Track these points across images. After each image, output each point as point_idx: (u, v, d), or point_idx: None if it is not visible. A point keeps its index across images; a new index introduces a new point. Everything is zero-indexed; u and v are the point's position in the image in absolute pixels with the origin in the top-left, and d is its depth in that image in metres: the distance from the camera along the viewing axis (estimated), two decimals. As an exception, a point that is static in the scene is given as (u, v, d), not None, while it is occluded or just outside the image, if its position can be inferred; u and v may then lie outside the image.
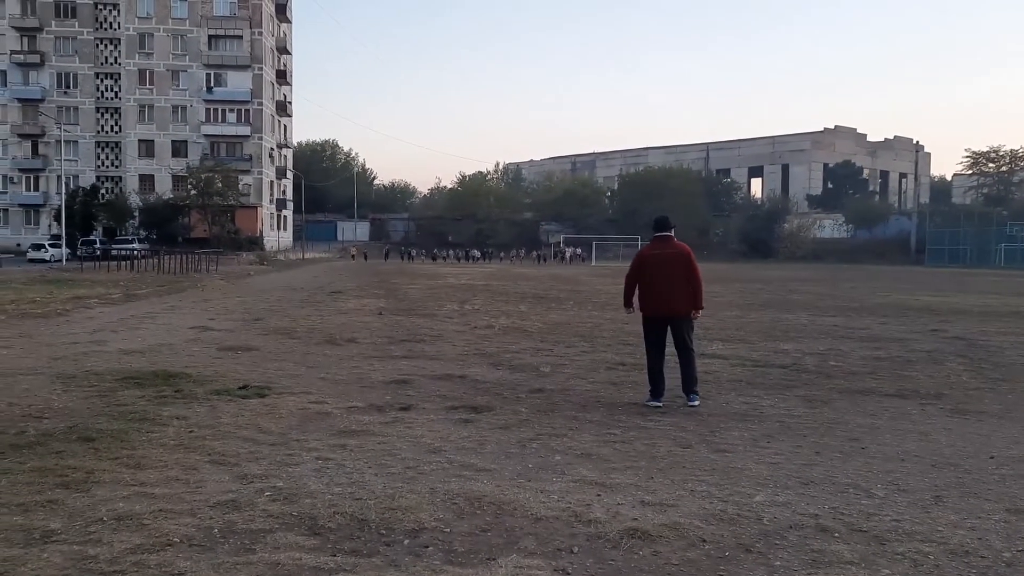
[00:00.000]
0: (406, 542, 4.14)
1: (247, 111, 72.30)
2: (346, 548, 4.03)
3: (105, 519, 4.32)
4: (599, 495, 4.92)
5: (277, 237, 78.56)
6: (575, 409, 7.71)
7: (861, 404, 8.17)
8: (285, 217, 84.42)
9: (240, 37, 71.82)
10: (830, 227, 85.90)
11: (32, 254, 52.01)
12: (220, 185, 64.24)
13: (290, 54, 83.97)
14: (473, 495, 4.85)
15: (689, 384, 7.98)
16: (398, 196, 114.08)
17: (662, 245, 8.25)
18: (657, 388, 8.03)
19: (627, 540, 4.17)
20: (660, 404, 7.87)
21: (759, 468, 5.62)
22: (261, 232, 71.59)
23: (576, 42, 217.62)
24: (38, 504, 4.53)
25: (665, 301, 8.08)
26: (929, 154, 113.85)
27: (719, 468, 5.62)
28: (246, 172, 70.41)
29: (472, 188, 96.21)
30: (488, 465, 5.60)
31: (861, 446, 6.36)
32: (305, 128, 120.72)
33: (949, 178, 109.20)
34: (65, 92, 72.61)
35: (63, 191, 55.11)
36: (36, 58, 71.54)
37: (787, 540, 4.21)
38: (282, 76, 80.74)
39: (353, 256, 76.99)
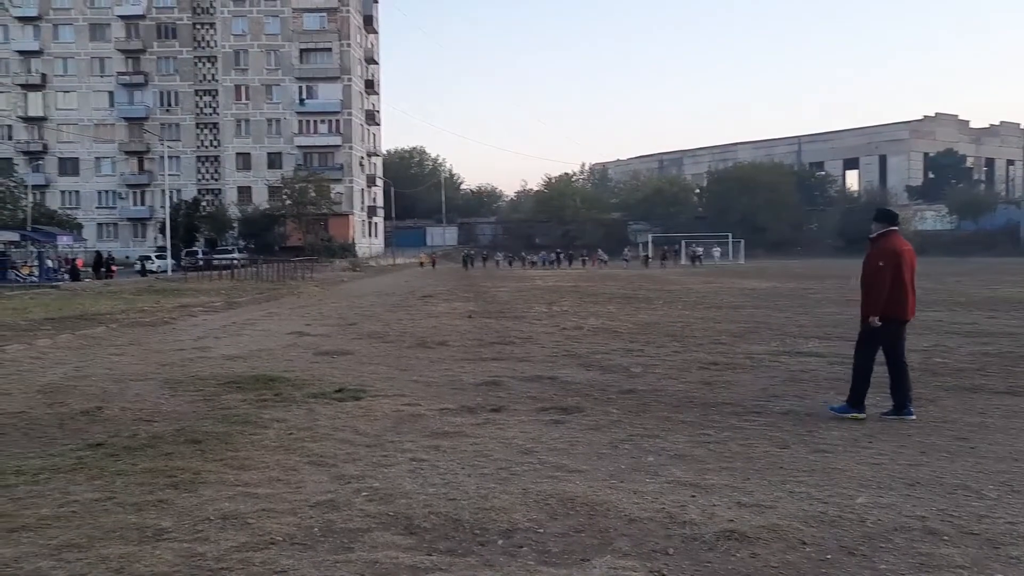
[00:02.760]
0: (500, 542, 4.17)
1: (337, 121, 74.22)
2: (441, 548, 4.09)
3: (212, 518, 4.50)
4: (694, 496, 4.85)
5: (369, 244, 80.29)
6: (667, 410, 7.61)
7: (969, 402, 7.81)
8: (376, 224, 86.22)
9: (329, 50, 73.83)
10: (932, 219, 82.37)
11: (142, 265, 54.54)
12: (313, 194, 66.03)
13: (377, 64, 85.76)
14: (566, 496, 4.84)
15: (910, 395, 7.26)
16: (485, 200, 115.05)
17: (902, 241, 7.40)
18: (864, 397, 7.28)
19: (724, 542, 4.10)
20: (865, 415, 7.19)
21: (861, 469, 5.43)
22: (353, 239, 73.29)
23: (661, 39, 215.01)
24: (150, 503, 4.75)
25: (912, 305, 7.37)
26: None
27: (818, 469, 5.46)
28: (338, 181, 72.19)
29: (558, 190, 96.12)
30: (580, 466, 5.58)
31: (970, 445, 6.07)
32: (393, 136, 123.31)
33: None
34: (167, 110, 76.01)
35: (167, 204, 57.63)
36: (140, 78, 75.12)
37: (892, 543, 4.06)
38: (370, 86, 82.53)
39: (422, 264, 67.03)
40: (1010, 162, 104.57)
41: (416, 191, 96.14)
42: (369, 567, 3.81)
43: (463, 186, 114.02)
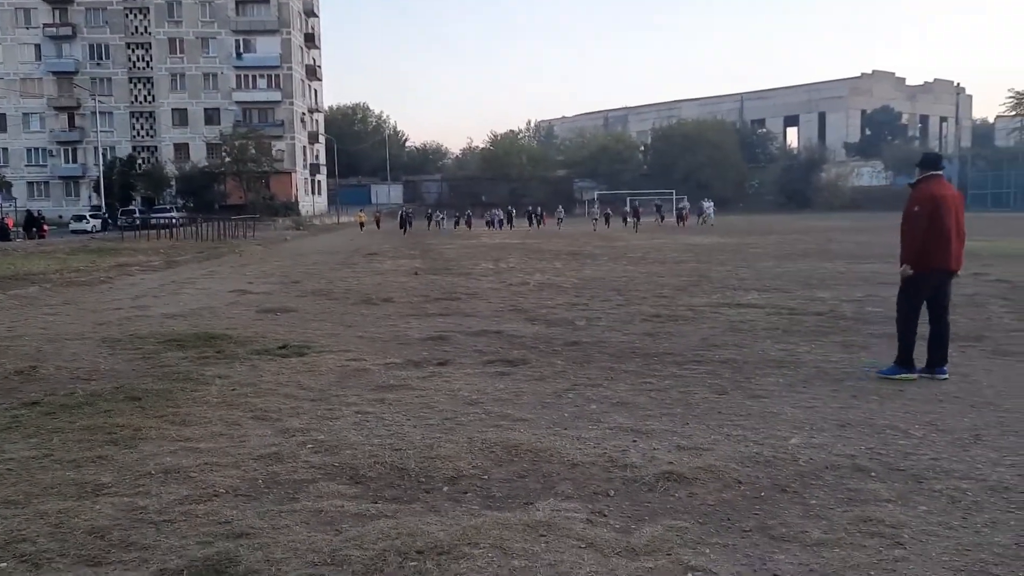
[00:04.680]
0: (445, 489, 4.22)
1: (277, 76, 72.31)
2: (387, 495, 4.13)
3: (153, 473, 4.46)
4: (635, 441, 4.96)
5: (312, 202, 79.01)
6: (610, 360, 7.73)
7: (900, 348, 8.08)
8: (319, 182, 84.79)
9: (267, 1, 71.61)
10: (869, 175, 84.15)
11: (74, 225, 53.02)
12: (254, 151, 64.57)
13: (317, 17, 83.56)
14: (510, 443, 4.91)
15: (946, 353, 6.79)
16: (430, 158, 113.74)
17: (944, 186, 6.79)
18: (912, 355, 6.75)
19: (663, 483, 4.21)
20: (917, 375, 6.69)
21: (795, 412, 5.61)
22: (296, 197, 72.03)
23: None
24: (89, 460, 4.69)
25: (956, 254, 6.69)
26: (971, 96, 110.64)
27: (755, 413, 5.62)
28: (279, 138, 70.65)
29: (504, 147, 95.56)
30: (525, 415, 5.66)
31: (899, 389, 6.31)
32: (335, 92, 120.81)
33: (992, 120, 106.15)
34: (98, 64, 73.11)
35: (101, 162, 55.85)
36: (68, 30, 71.97)
37: (823, 480, 4.22)
38: (310, 40, 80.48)
39: (362, 224, 56.11)
40: (943, 119, 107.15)
41: (360, 148, 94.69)
42: (314, 515, 3.83)
43: (408, 143, 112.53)
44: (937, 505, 3.85)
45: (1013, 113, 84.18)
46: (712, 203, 54.87)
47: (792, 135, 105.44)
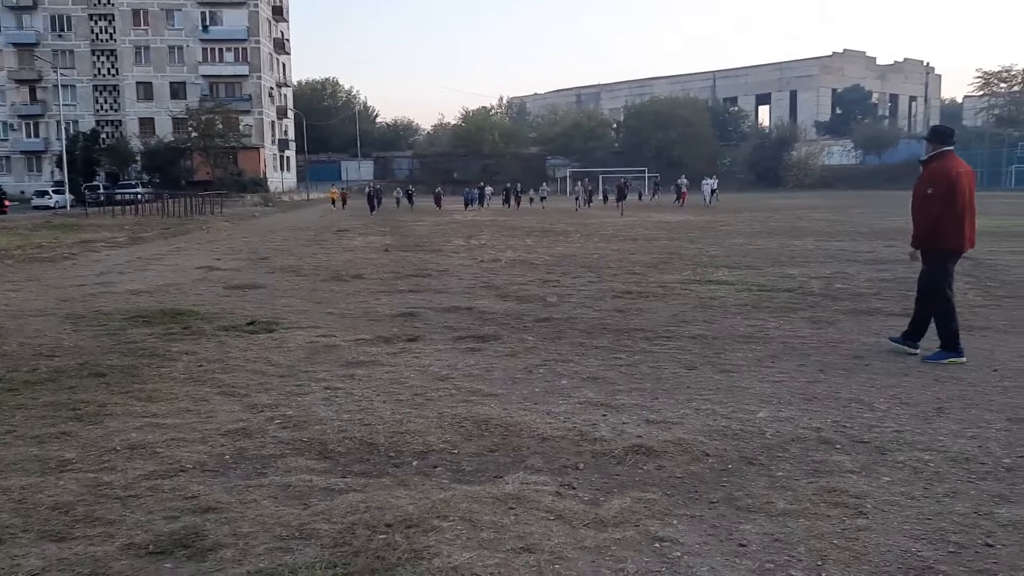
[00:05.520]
0: (415, 463, 4.22)
1: (244, 50, 71.13)
2: (356, 470, 4.11)
3: (118, 449, 4.41)
4: (604, 415, 4.98)
5: (281, 178, 78.12)
6: (581, 336, 7.75)
7: (866, 324, 8.20)
8: (288, 158, 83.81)
9: (234, -27, 70.33)
10: (839, 154, 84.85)
11: (36, 201, 52.00)
12: (221, 126, 63.59)
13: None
14: (480, 418, 4.91)
15: (924, 331, 6.67)
16: (401, 134, 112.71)
17: (958, 162, 6.53)
18: (957, 337, 6.47)
19: (632, 456, 4.24)
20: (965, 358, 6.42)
21: (763, 387, 5.67)
22: (264, 174, 71.15)
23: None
24: (52, 436, 4.62)
25: (970, 234, 6.49)
26: (940, 76, 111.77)
27: (723, 387, 5.67)
28: (246, 113, 69.61)
29: (476, 124, 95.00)
30: (495, 390, 5.66)
31: (865, 363, 6.40)
32: (304, 67, 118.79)
33: (960, 100, 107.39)
34: (59, 35, 71.47)
35: (63, 137, 54.69)
36: (28, 1, 70.25)
37: (789, 452, 4.27)
38: (278, 12, 79.20)
39: (333, 201, 51.72)
40: (912, 98, 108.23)
41: (330, 124, 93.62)
42: (283, 490, 3.80)
43: (379, 119, 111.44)
44: (900, 476, 3.91)
45: (981, 93, 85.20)
46: (716, 180, 50.43)
47: (764, 113, 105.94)
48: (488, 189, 52.89)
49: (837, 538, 3.24)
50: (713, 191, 48.19)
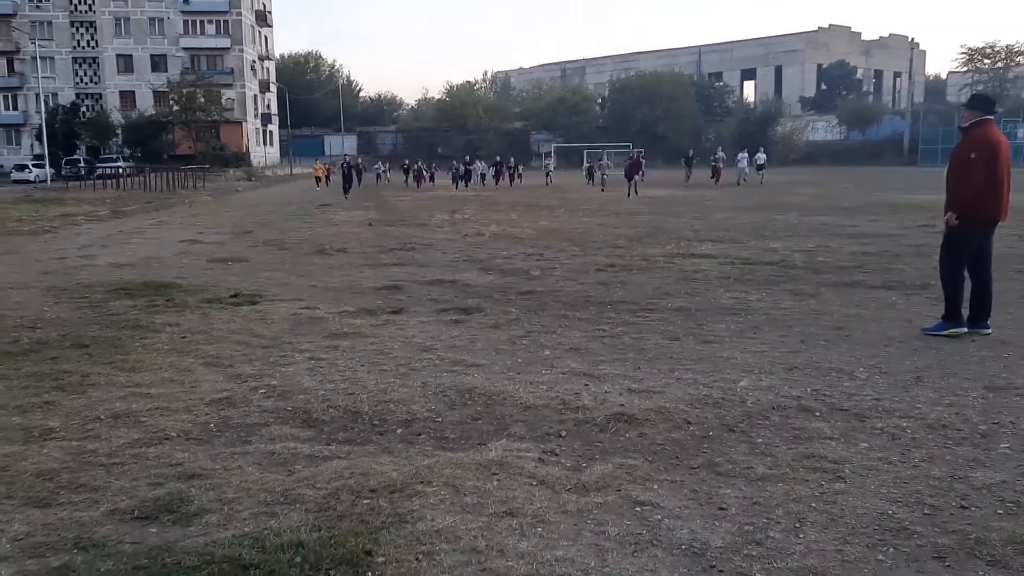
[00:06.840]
0: (399, 431, 4.24)
1: (226, 22, 70.22)
2: (340, 438, 4.13)
3: (102, 418, 4.41)
4: (587, 384, 5.02)
5: (264, 153, 77.41)
6: (565, 308, 7.78)
7: (848, 296, 8.27)
8: (271, 132, 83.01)
9: (214, -58, 69.19)
10: (823, 129, 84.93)
11: (16, 175, 51.37)
12: (202, 100, 62.89)
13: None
14: (464, 387, 4.94)
15: (990, 307, 6.50)
16: (385, 109, 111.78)
17: (998, 131, 6.47)
18: (960, 308, 6.41)
19: (614, 424, 4.28)
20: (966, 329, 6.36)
21: (744, 357, 5.72)
22: (247, 148, 70.47)
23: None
24: (35, 406, 4.61)
25: (1006, 203, 6.37)
26: (924, 52, 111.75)
27: (705, 357, 5.72)
28: (228, 86, 68.83)
29: (460, 98, 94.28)
30: (479, 360, 5.68)
31: (846, 334, 6.46)
32: (287, 40, 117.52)
33: (944, 76, 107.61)
34: (37, 6, 70.09)
35: (43, 110, 53.95)
36: (5, -29, 68.96)
37: (769, 420, 4.33)
38: (260, -16, 78.20)
39: (317, 178, 44.59)
40: (897, 74, 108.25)
41: (313, 98, 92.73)
42: (267, 457, 3.82)
43: (362, 93, 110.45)
44: (878, 442, 3.97)
45: (965, 69, 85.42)
46: (764, 154, 41.00)
47: (749, 89, 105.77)
48: (478, 164, 46.12)
49: (815, 501, 3.29)
50: (760, 167, 38.92)
